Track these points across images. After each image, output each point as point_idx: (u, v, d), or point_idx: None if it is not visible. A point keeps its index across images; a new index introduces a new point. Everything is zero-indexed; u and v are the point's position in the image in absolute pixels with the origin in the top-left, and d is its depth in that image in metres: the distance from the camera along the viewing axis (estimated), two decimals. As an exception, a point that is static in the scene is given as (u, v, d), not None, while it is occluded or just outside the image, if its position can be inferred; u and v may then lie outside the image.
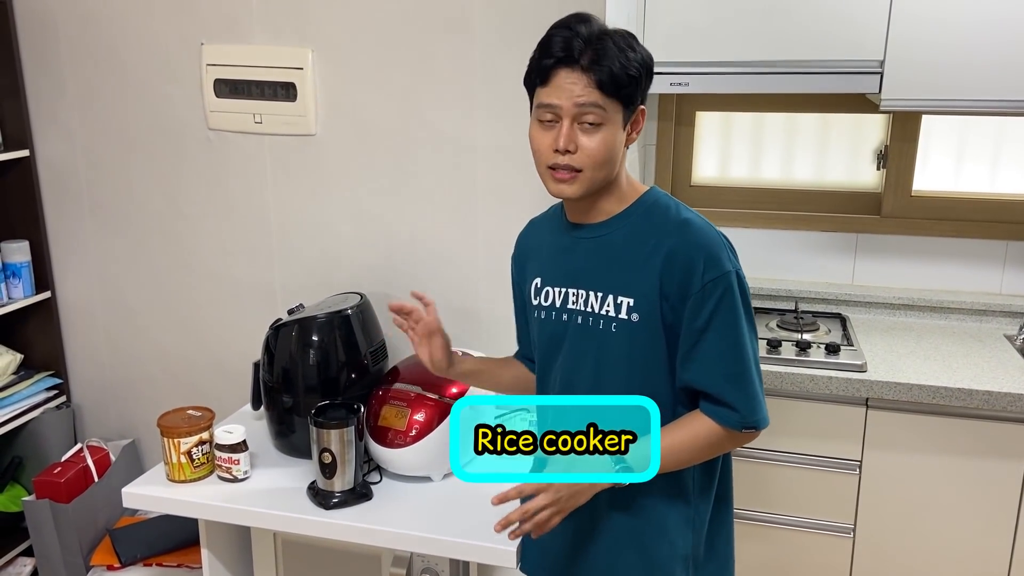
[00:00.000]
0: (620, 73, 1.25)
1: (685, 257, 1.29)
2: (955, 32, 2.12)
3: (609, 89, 1.26)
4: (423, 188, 2.06)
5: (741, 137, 2.76)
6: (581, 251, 1.39)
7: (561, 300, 1.41)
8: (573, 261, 1.40)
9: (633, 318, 1.33)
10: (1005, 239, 2.54)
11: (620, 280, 1.34)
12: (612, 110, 1.27)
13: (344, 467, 1.66)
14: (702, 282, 1.29)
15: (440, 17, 1.95)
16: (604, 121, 1.28)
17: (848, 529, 2.23)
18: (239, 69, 2.10)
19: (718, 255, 1.30)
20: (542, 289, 1.44)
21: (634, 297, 1.33)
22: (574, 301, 1.39)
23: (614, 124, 1.28)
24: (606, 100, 1.27)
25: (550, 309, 1.43)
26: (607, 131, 1.28)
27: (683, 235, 1.31)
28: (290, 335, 1.84)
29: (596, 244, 1.38)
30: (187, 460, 1.75)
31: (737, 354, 1.31)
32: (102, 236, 2.37)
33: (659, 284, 1.30)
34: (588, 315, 1.37)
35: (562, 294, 1.41)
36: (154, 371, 2.44)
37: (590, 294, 1.37)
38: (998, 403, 2.04)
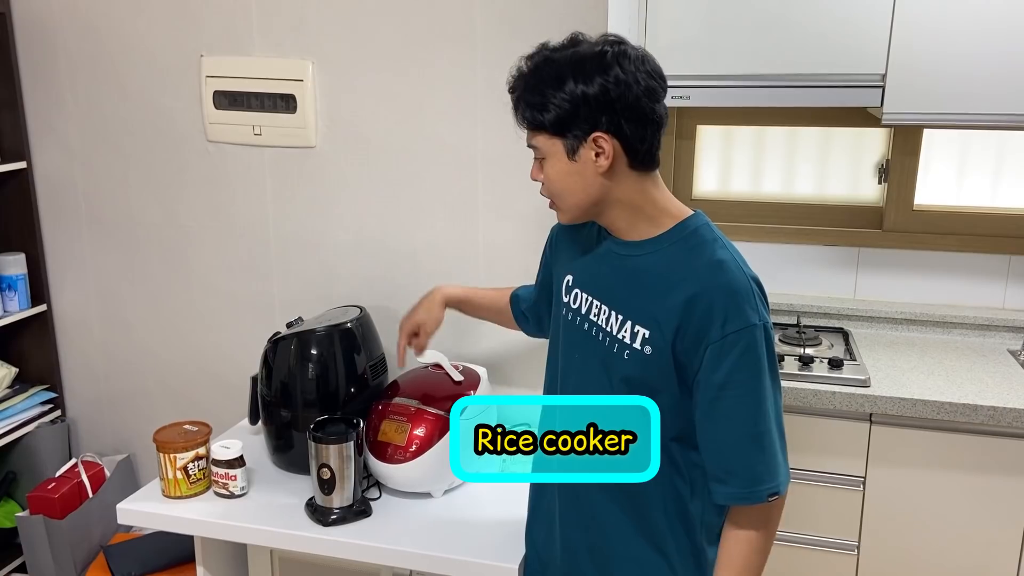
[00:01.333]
0: (534, 113, 1.25)
1: (708, 302, 1.23)
2: (957, 46, 2.12)
3: (533, 126, 1.27)
4: (423, 200, 2.05)
5: (742, 151, 2.75)
6: (610, 266, 1.35)
7: (587, 308, 1.37)
8: (602, 273, 1.37)
9: (646, 351, 1.28)
10: (1008, 253, 2.53)
11: (641, 308, 1.29)
12: (546, 144, 1.27)
13: (343, 483, 1.63)
14: (722, 333, 1.22)
15: (441, 29, 1.94)
16: (543, 155, 1.29)
17: (852, 546, 2.20)
18: (239, 81, 2.09)
19: (743, 306, 1.23)
20: (572, 289, 1.41)
21: (650, 329, 1.27)
22: (596, 314, 1.35)
23: (554, 156, 1.27)
24: (535, 136, 1.28)
25: (576, 313, 1.39)
26: (549, 164, 1.29)
27: (712, 278, 1.24)
28: (289, 349, 1.82)
29: (625, 263, 1.33)
30: (183, 476, 1.72)
31: (759, 416, 1.25)
32: (99, 249, 2.35)
33: (677, 323, 1.25)
34: (607, 334, 1.33)
35: (588, 302, 1.37)
36: (150, 385, 2.41)
37: (612, 313, 1.33)
38: (1003, 419, 2.02)
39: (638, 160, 1.28)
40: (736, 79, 2.28)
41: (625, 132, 1.24)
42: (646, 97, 1.24)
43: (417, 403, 1.74)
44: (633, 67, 1.23)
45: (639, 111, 1.24)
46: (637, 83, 1.23)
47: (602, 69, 1.22)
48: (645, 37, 2.30)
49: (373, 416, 1.76)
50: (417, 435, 1.69)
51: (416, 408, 1.73)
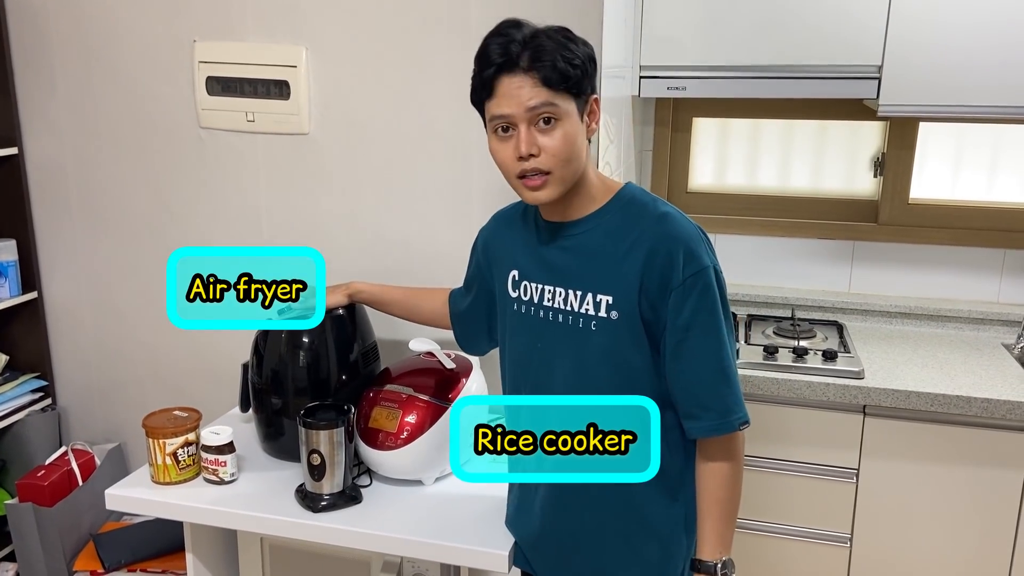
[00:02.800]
0: (564, 66, 1.25)
1: (665, 251, 1.29)
2: (953, 38, 2.12)
3: (556, 84, 1.25)
4: (417, 188, 2.03)
5: (738, 144, 2.75)
6: (558, 248, 1.38)
7: (539, 297, 1.40)
8: (550, 258, 1.39)
9: (612, 316, 1.32)
10: (1003, 247, 2.53)
11: (598, 278, 1.33)
12: (565, 104, 1.26)
13: (333, 469, 1.62)
14: (682, 276, 1.28)
15: (436, 15, 1.93)
16: (560, 116, 1.26)
17: (845, 538, 2.20)
18: (231, 67, 2.08)
19: (697, 249, 1.29)
20: (520, 283, 1.43)
21: (613, 295, 1.32)
22: (550, 299, 1.38)
23: (570, 117, 1.27)
24: (556, 95, 1.25)
25: (528, 304, 1.42)
26: (565, 126, 1.27)
27: (663, 229, 1.30)
28: (280, 336, 1.80)
29: (573, 242, 1.36)
30: (172, 462, 1.71)
31: (722, 352, 1.31)
32: (91, 236, 2.34)
33: (639, 280, 1.30)
34: (568, 314, 1.36)
35: (539, 290, 1.40)
36: (142, 374, 2.40)
37: (569, 292, 1.36)
38: (997, 411, 2.02)
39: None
40: (732, 70, 2.28)
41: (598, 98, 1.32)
42: None
43: (409, 390, 1.73)
44: None
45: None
46: None
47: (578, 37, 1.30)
48: (641, 28, 2.30)
49: (364, 403, 1.75)
50: (408, 422, 1.68)
51: (408, 395, 1.72)
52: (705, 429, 1.33)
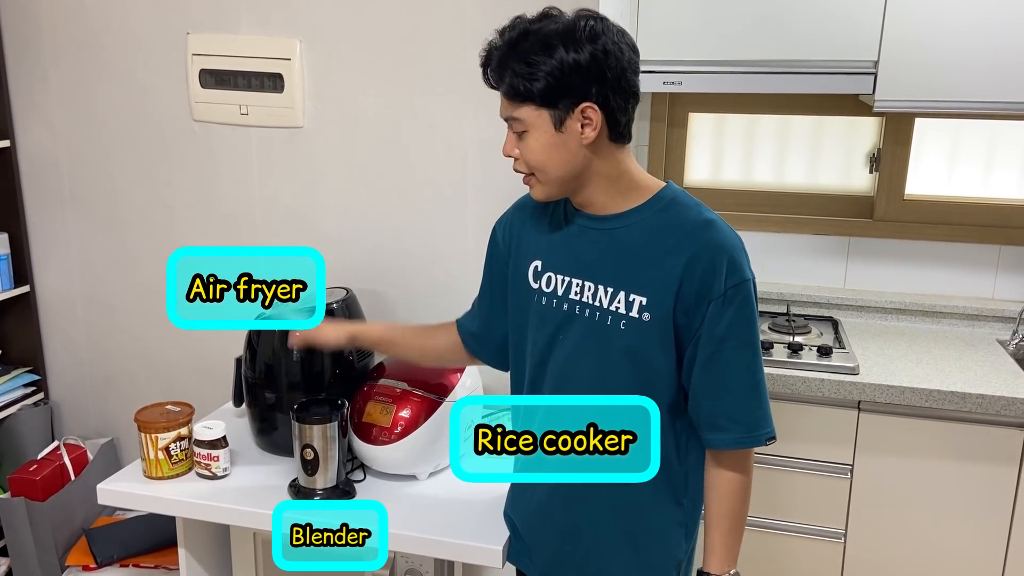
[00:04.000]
0: (518, 82, 1.23)
1: (709, 259, 1.26)
2: (949, 33, 2.11)
3: (515, 98, 1.25)
4: (411, 182, 2.03)
5: (734, 139, 2.74)
6: (589, 241, 1.35)
7: (564, 289, 1.36)
8: (580, 250, 1.36)
9: (644, 317, 1.29)
10: (998, 244, 2.53)
11: (634, 277, 1.30)
12: (530, 116, 1.25)
13: (326, 464, 1.62)
14: (724, 287, 1.26)
15: (431, 8, 1.92)
16: (525, 128, 1.27)
17: (839, 534, 2.20)
18: (225, 59, 2.07)
19: (740, 260, 1.28)
20: (542, 274, 1.40)
21: (647, 296, 1.29)
22: (577, 292, 1.35)
23: (539, 128, 1.26)
24: (519, 108, 1.26)
25: (551, 296, 1.38)
26: (533, 137, 1.27)
27: (708, 236, 1.28)
28: (273, 330, 1.79)
29: (608, 237, 1.33)
30: (165, 456, 1.70)
31: (755, 365, 1.30)
32: (83, 229, 2.33)
33: (678, 284, 1.27)
34: (595, 309, 1.33)
35: (565, 283, 1.37)
36: (134, 368, 2.39)
37: (599, 288, 1.33)
38: (991, 407, 2.02)
39: (617, 133, 1.29)
40: (728, 65, 2.27)
41: (611, 104, 1.25)
42: (630, 69, 1.26)
43: (403, 385, 1.72)
44: (617, 39, 1.24)
45: (625, 83, 1.25)
46: (622, 54, 1.24)
47: (592, 38, 1.22)
48: (637, 22, 2.29)
49: (358, 398, 1.74)
50: (402, 417, 1.67)
51: (402, 390, 1.71)
52: (730, 441, 1.31)
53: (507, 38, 1.25)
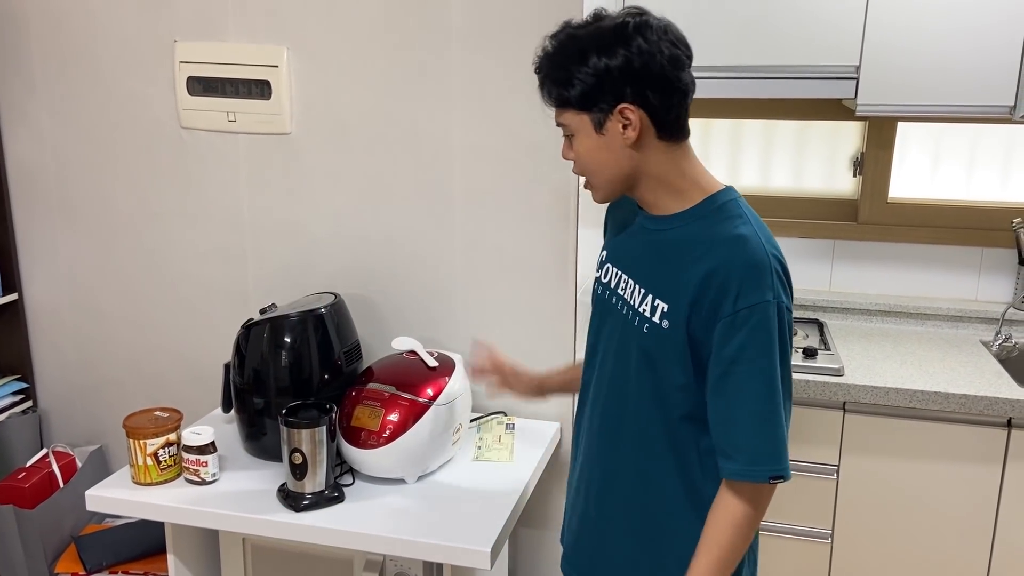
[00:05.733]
0: (557, 90, 1.27)
1: (724, 277, 1.22)
2: (930, 39, 2.14)
3: (560, 103, 1.29)
4: (399, 188, 2.04)
5: (719, 143, 2.77)
6: (640, 240, 1.37)
7: (616, 282, 1.40)
8: (633, 247, 1.39)
9: (664, 324, 1.29)
10: (980, 246, 2.56)
11: (661, 282, 1.30)
12: (573, 121, 1.29)
13: (315, 468, 1.62)
14: (734, 308, 1.21)
15: (418, 15, 1.94)
16: (572, 132, 1.30)
17: (826, 534, 2.22)
18: (213, 67, 2.07)
19: (758, 281, 1.21)
20: (604, 264, 1.44)
21: (668, 303, 1.28)
22: (624, 288, 1.37)
23: (582, 133, 1.29)
24: (563, 114, 1.30)
25: (606, 287, 1.42)
26: (578, 141, 1.30)
27: (730, 253, 1.23)
28: (261, 335, 1.80)
29: (653, 238, 1.34)
30: (153, 462, 1.71)
31: (767, 394, 1.22)
32: (71, 236, 2.33)
33: (694, 296, 1.25)
34: (629, 307, 1.35)
35: (617, 277, 1.40)
36: (123, 375, 2.39)
37: (637, 287, 1.35)
38: (974, 406, 2.04)
39: (665, 130, 1.28)
40: (712, 70, 2.29)
41: (651, 102, 1.25)
42: (670, 65, 1.24)
43: (391, 389, 1.73)
44: (655, 36, 1.24)
45: (664, 80, 1.24)
46: (660, 52, 1.23)
47: (623, 41, 1.23)
48: (622, 27, 2.30)
49: (347, 402, 1.75)
50: (391, 420, 1.68)
51: (390, 394, 1.72)
52: (733, 472, 1.25)
53: (552, 45, 1.28)
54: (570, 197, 1.93)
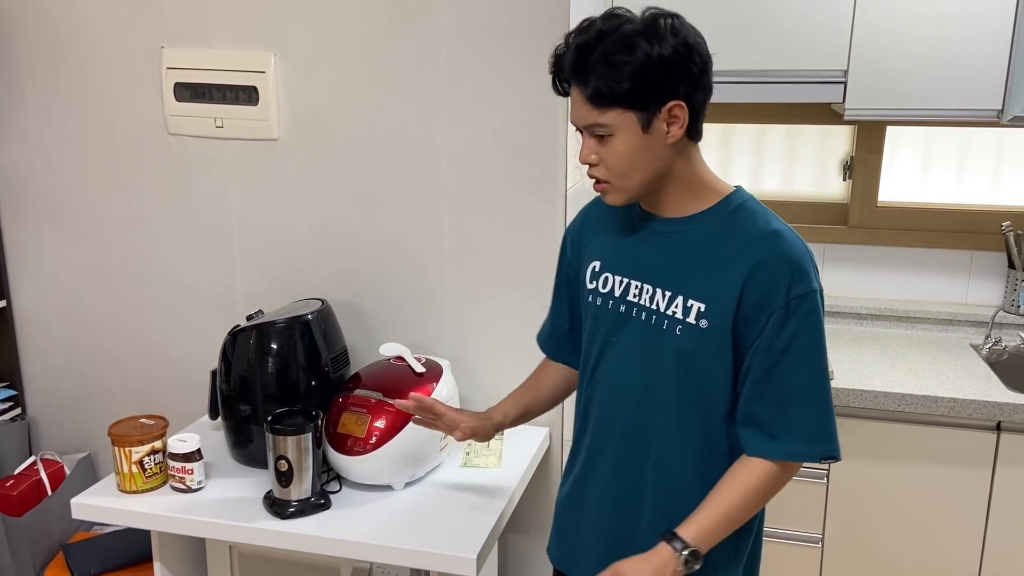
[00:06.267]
0: (603, 85, 1.18)
1: (773, 270, 1.22)
2: (917, 42, 2.14)
3: (601, 103, 1.20)
4: (387, 193, 2.03)
5: (709, 148, 2.76)
6: (652, 243, 1.32)
7: (621, 290, 1.34)
8: (642, 252, 1.33)
9: (702, 324, 1.26)
10: (970, 249, 2.56)
11: (694, 282, 1.27)
12: (616, 119, 1.21)
13: (301, 475, 1.61)
14: (787, 298, 1.21)
15: (404, 19, 1.93)
16: (611, 132, 1.22)
17: (816, 539, 2.21)
18: (200, 72, 2.07)
19: (807, 271, 1.23)
20: (600, 274, 1.37)
21: (707, 302, 1.25)
22: (636, 294, 1.32)
23: (626, 131, 1.21)
24: (603, 113, 1.21)
25: (607, 297, 1.36)
26: (619, 140, 1.22)
27: (773, 246, 1.23)
28: (248, 342, 1.80)
29: (671, 240, 1.30)
30: (139, 470, 1.70)
31: (819, 379, 1.25)
32: (59, 243, 2.32)
33: (739, 293, 1.23)
34: (652, 312, 1.30)
35: (623, 284, 1.34)
36: (112, 382, 2.38)
37: (657, 291, 1.30)
38: (963, 410, 2.04)
39: (696, 131, 1.27)
40: (701, 75, 2.29)
41: (695, 101, 1.22)
42: (710, 64, 1.24)
43: (378, 395, 1.72)
44: (695, 34, 1.22)
45: (706, 79, 1.23)
46: (703, 49, 1.23)
47: (673, 33, 1.19)
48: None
49: (333, 408, 1.75)
50: (377, 427, 1.68)
51: (377, 400, 1.71)
52: (780, 452, 1.25)
53: (581, 41, 1.20)
54: (558, 201, 1.93)
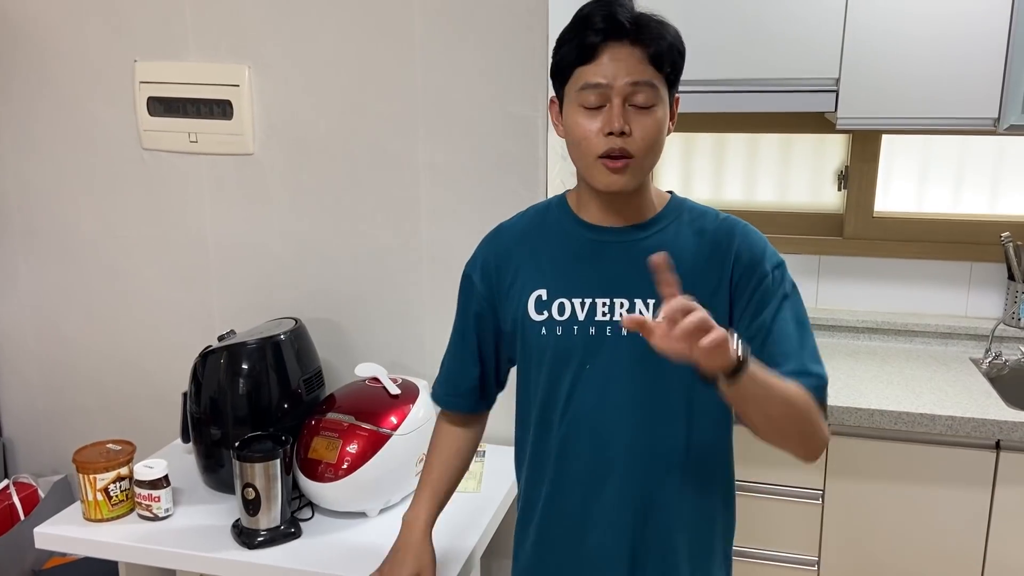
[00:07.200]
0: (669, 49, 1.19)
1: (750, 253, 1.25)
2: (910, 50, 2.09)
3: (661, 64, 1.18)
4: (364, 208, 1.98)
5: (703, 158, 2.71)
6: (610, 257, 1.26)
7: (586, 312, 1.26)
8: (600, 268, 1.26)
9: None
10: (970, 260, 2.50)
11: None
12: (663, 90, 1.19)
13: (269, 504, 1.55)
14: (769, 268, 1.24)
15: (380, 32, 1.88)
16: (655, 102, 1.18)
17: (812, 561, 2.15)
18: (173, 87, 2.02)
19: (769, 246, 1.28)
20: (549, 303, 1.28)
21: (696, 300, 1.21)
22: (606, 312, 1.25)
23: (663, 105, 1.20)
24: (658, 77, 1.18)
25: (569, 324, 1.27)
26: (658, 112, 1.19)
27: (736, 230, 1.27)
28: (219, 363, 1.74)
29: (634, 248, 1.25)
30: (104, 497, 1.64)
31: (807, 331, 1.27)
32: (34, 261, 2.27)
33: (730, 285, 1.24)
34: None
35: (586, 305, 1.26)
36: (89, 402, 2.33)
37: (636, 302, 1.24)
38: (961, 429, 1.97)
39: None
40: (693, 84, 2.23)
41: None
42: None
43: (351, 418, 1.66)
44: None
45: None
46: None
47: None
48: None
49: (305, 432, 1.69)
50: (349, 452, 1.62)
51: (349, 424, 1.65)
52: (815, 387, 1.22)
53: (636, 8, 1.20)
54: (540, 216, 1.87)
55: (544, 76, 1.81)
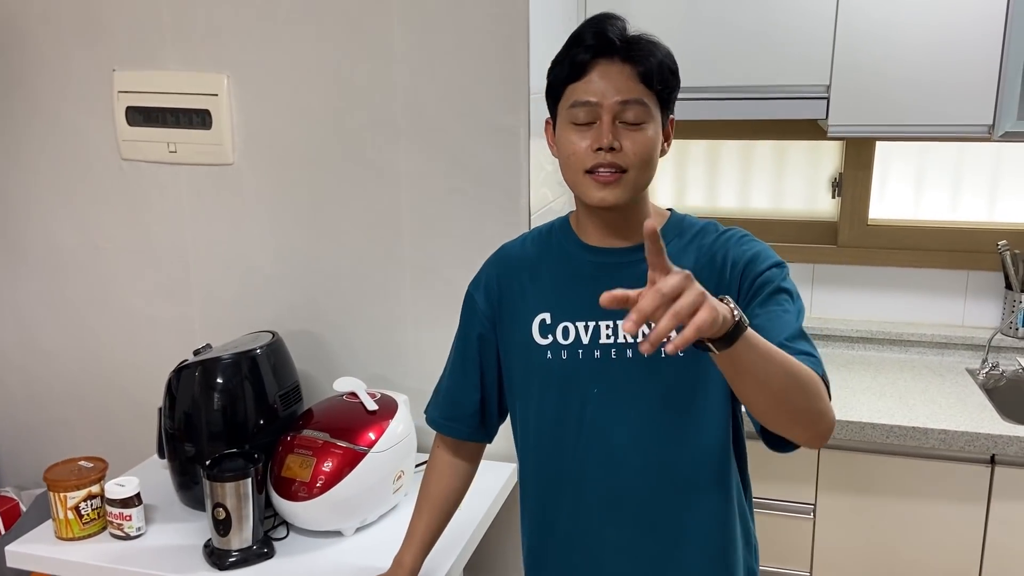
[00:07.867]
0: (660, 67, 1.18)
1: (750, 257, 1.23)
2: (903, 56, 2.05)
3: (652, 83, 1.18)
4: (345, 218, 1.95)
5: (697, 165, 2.67)
6: (611, 279, 1.20)
7: (590, 336, 1.25)
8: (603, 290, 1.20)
9: None
10: (966, 269, 2.45)
11: None
12: (653, 108, 1.19)
13: (241, 524, 1.52)
14: (767, 266, 1.21)
15: (360, 41, 1.85)
16: (646, 120, 1.18)
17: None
18: (152, 96, 1.99)
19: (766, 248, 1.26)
20: (553, 326, 1.27)
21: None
22: (610, 335, 1.24)
23: (655, 124, 1.19)
24: (648, 96, 1.18)
25: (574, 347, 1.26)
26: (649, 130, 1.18)
27: (737, 241, 1.26)
28: (193, 378, 1.71)
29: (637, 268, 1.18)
30: (75, 516, 1.61)
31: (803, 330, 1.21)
32: (14, 273, 2.24)
33: (737, 295, 1.21)
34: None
35: (590, 329, 1.25)
36: (71, 415, 2.30)
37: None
38: (955, 443, 1.93)
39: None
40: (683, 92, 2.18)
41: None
42: None
43: (325, 435, 1.63)
44: None
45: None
46: None
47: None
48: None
49: (280, 449, 1.65)
50: (323, 470, 1.58)
51: (324, 441, 1.62)
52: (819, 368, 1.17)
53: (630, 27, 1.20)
54: (522, 226, 1.84)
55: (526, 85, 1.78)
